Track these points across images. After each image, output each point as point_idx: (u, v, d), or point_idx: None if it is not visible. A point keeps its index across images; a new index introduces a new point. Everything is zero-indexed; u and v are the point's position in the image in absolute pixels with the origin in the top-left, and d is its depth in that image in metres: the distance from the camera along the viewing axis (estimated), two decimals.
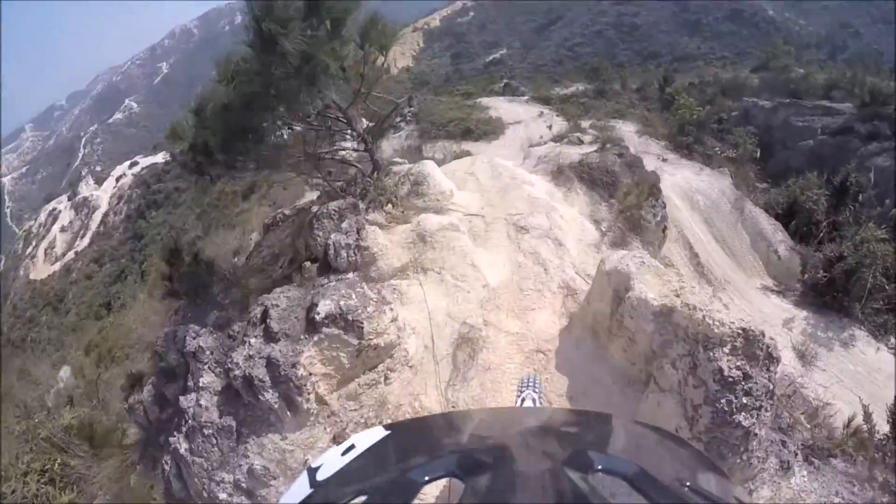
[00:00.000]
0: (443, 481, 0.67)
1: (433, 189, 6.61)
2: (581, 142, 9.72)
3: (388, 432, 0.79)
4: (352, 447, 0.75)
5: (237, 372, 3.30)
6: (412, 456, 0.71)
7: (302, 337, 3.38)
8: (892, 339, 7.46)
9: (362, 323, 3.39)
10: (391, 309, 3.69)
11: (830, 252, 8.17)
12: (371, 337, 3.43)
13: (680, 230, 9.14)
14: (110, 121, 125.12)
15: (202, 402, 3.44)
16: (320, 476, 0.69)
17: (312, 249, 5.34)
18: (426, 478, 0.62)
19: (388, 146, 16.94)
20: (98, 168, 78.73)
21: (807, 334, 7.53)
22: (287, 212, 8.12)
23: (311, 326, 3.38)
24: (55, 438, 4.30)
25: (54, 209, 58.06)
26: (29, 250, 55.03)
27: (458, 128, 15.56)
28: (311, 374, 3.27)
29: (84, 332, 16.73)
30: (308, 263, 5.17)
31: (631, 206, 7.31)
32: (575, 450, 0.66)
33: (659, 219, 7.56)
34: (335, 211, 5.45)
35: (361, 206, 5.75)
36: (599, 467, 0.62)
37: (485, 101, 20.02)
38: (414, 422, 0.97)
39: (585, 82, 24.36)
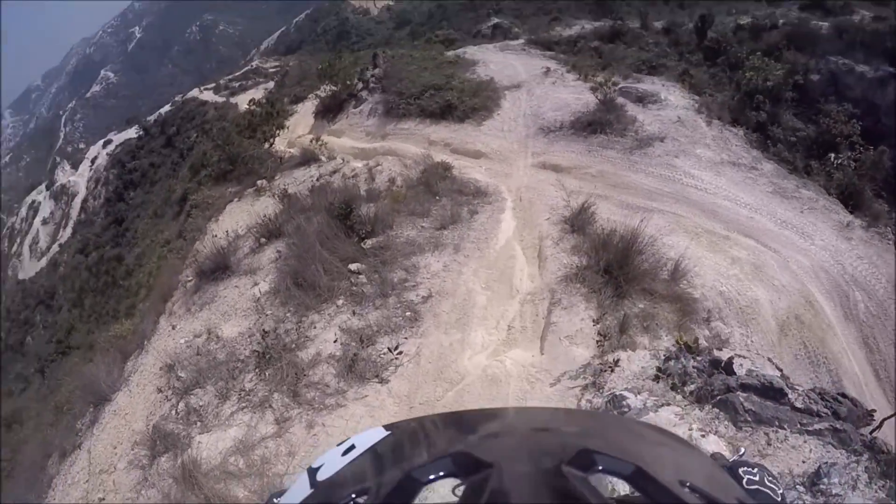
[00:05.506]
0: (443, 481, 0.62)
1: None
2: None
3: (389, 433, 0.74)
4: (352, 447, 0.72)
5: None
6: (412, 456, 0.68)
7: None
8: None
9: None
10: None
11: None
12: None
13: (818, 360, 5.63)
14: (88, 95, 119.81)
15: None
16: (321, 476, 0.68)
17: None
18: (426, 478, 0.59)
19: (346, 125, 13.15)
20: (81, 146, 76.30)
21: None
22: None
23: None
24: None
25: (34, 201, 57.17)
26: (14, 248, 54.41)
27: (434, 101, 11.49)
28: None
29: None
30: None
31: None
32: (575, 449, 0.60)
33: None
34: None
35: None
36: (600, 467, 0.58)
37: (470, 50, 15.69)
38: (414, 422, 0.78)
39: (590, 18, 19.33)
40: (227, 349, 5.96)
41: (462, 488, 0.57)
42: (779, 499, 0.86)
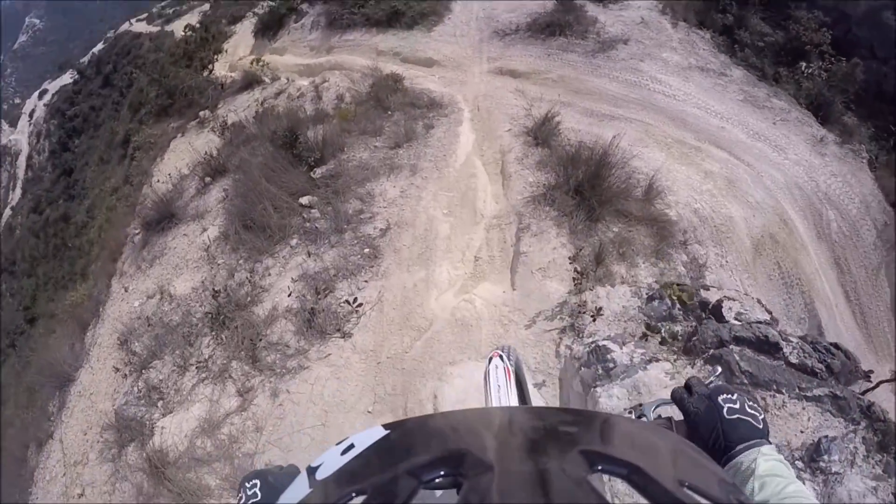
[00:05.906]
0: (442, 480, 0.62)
1: None
2: None
3: (388, 432, 0.75)
4: (351, 446, 0.72)
5: None
6: (411, 455, 0.66)
7: None
8: None
9: None
10: None
11: None
12: None
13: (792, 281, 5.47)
14: (15, 47, 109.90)
15: None
16: (319, 475, 0.69)
17: None
18: (425, 477, 0.59)
19: (288, 41, 12.10)
20: (17, 101, 71.21)
21: None
22: None
23: None
24: None
25: None
26: None
27: (379, 8, 10.62)
28: None
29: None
30: None
31: None
32: (575, 450, 0.62)
33: None
34: None
35: None
36: (599, 467, 0.60)
37: None
38: (413, 421, 0.80)
39: None
40: (182, 309, 5.63)
41: (461, 488, 0.56)
42: (761, 425, 0.84)
